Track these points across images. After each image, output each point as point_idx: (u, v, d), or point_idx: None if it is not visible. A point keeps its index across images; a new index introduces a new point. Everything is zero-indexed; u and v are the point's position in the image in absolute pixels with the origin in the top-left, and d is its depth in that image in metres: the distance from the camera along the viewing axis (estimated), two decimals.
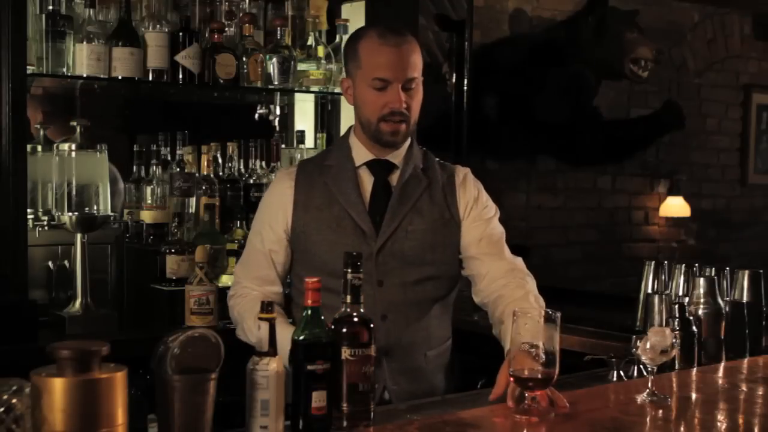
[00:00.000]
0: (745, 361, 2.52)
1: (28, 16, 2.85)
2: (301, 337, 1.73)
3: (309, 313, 1.75)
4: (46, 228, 2.94)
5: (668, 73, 5.77)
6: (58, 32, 2.93)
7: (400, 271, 2.32)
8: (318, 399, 1.71)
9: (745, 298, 2.59)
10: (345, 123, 3.58)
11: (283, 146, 3.56)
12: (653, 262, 3.00)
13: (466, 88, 4.36)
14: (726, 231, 6.21)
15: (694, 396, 2.20)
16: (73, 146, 2.90)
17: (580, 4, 5.21)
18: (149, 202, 3.24)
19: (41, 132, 3.19)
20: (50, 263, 3.00)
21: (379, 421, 1.82)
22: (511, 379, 1.91)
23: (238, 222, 3.26)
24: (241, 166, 3.45)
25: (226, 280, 3.03)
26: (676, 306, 2.38)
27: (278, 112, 3.62)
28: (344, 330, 1.77)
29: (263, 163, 3.45)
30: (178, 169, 3.23)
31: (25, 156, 2.77)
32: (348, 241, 2.28)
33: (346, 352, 1.76)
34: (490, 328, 2.34)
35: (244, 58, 3.28)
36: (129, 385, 1.47)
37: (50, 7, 2.93)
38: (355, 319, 1.79)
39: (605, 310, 3.46)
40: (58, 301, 2.97)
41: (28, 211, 2.85)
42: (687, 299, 2.51)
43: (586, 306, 3.53)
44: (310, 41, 3.44)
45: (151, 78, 3.12)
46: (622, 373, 2.30)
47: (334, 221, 2.33)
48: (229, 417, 1.80)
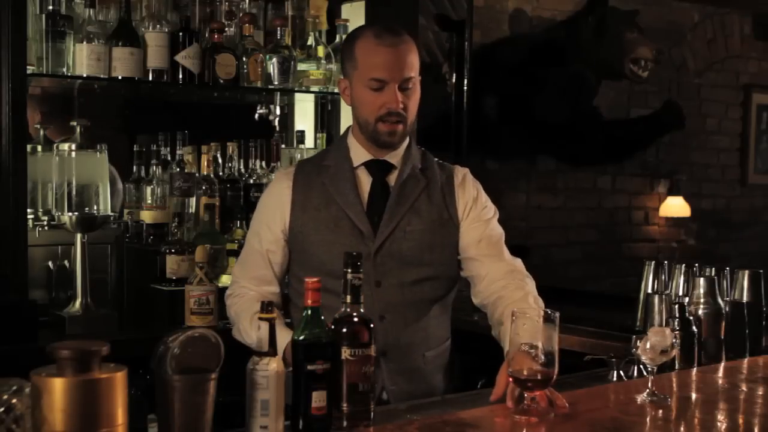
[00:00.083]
0: (745, 361, 2.52)
1: (28, 16, 2.85)
2: (301, 337, 1.73)
3: (309, 313, 1.75)
4: (46, 228, 2.95)
5: (668, 73, 5.76)
6: (58, 32, 2.93)
7: (398, 271, 2.31)
8: (318, 399, 1.71)
9: (745, 298, 2.59)
10: (345, 123, 3.58)
11: (283, 146, 3.56)
12: (653, 262, 2.99)
13: (466, 88, 4.36)
14: (726, 231, 6.21)
15: (694, 396, 2.20)
16: (73, 146, 2.90)
17: (580, 4, 5.21)
18: (149, 202, 3.24)
19: (41, 132, 3.19)
20: (50, 263, 3.01)
21: (379, 421, 1.82)
22: (510, 379, 1.91)
23: (238, 222, 3.26)
24: (241, 166, 3.46)
25: (226, 280, 3.03)
26: (676, 306, 2.38)
27: (278, 112, 3.61)
28: (344, 330, 1.77)
29: (263, 163, 3.45)
30: (178, 169, 3.23)
31: (25, 156, 2.77)
32: (346, 241, 2.27)
33: (346, 352, 1.76)
34: (490, 329, 2.33)
35: (244, 58, 3.28)
36: (129, 385, 1.47)
37: (50, 7, 2.93)
38: (355, 319, 1.79)
39: (605, 310, 3.45)
40: (58, 301, 2.97)
41: (28, 211, 2.85)
42: (687, 299, 2.51)
43: (586, 306, 3.53)
44: (310, 41, 3.44)
45: (151, 78, 3.12)
46: (622, 373, 2.30)
47: (332, 221, 2.32)
48: (229, 417, 1.80)
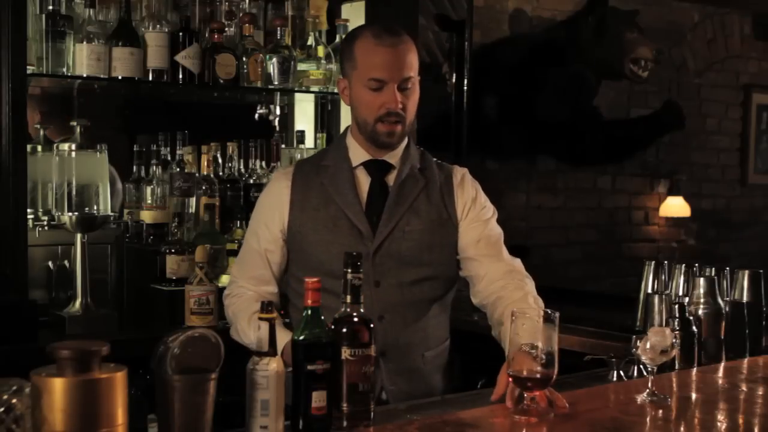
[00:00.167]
0: (745, 361, 2.52)
1: (28, 16, 2.85)
2: (301, 337, 1.73)
3: (309, 313, 1.75)
4: (46, 228, 2.95)
5: (668, 73, 5.76)
6: (58, 32, 2.94)
7: (397, 271, 2.31)
8: (318, 399, 1.71)
9: (745, 298, 2.59)
10: (345, 123, 3.58)
11: (283, 146, 3.56)
12: (653, 262, 2.99)
13: (466, 88, 4.35)
14: (726, 231, 6.21)
15: (694, 396, 2.20)
16: (73, 146, 2.91)
17: (580, 4, 5.21)
18: (149, 202, 3.24)
19: (41, 132, 3.19)
20: (50, 263, 3.01)
21: (379, 421, 1.82)
22: (510, 379, 1.91)
23: (238, 222, 3.26)
24: (241, 166, 3.46)
25: (226, 280, 3.03)
26: (676, 306, 2.38)
27: (278, 112, 3.61)
28: (344, 330, 1.77)
29: (263, 163, 3.45)
30: (178, 169, 3.23)
31: (25, 156, 2.77)
32: (345, 241, 2.27)
33: (346, 352, 1.76)
34: (490, 329, 2.33)
35: (244, 58, 3.28)
36: (129, 385, 1.46)
37: (50, 7, 2.93)
38: (355, 319, 1.79)
39: (605, 310, 3.45)
40: (58, 301, 2.97)
41: (28, 211, 2.85)
42: (687, 299, 2.51)
43: (586, 306, 3.52)
44: (310, 41, 3.44)
45: (151, 78, 3.12)
46: (622, 373, 2.30)
47: (330, 221, 2.32)
48: (229, 417, 1.80)
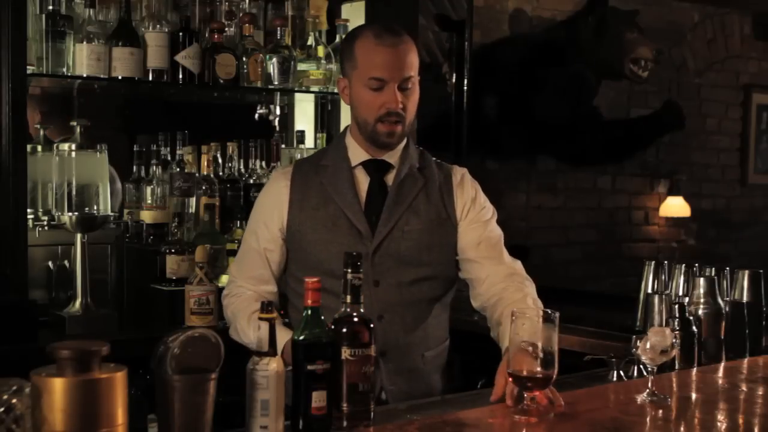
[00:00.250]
0: (745, 361, 2.52)
1: (28, 16, 2.85)
2: (301, 337, 1.73)
3: (309, 313, 1.75)
4: (46, 228, 2.95)
5: (668, 73, 5.76)
6: (58, 32, 2.94)
7: (396, 271, 2.31)
8: (318, 399, 1.71)
9: (745, 298, 2.59)
10: (345, 123, 3.57)
11: (283, 146, 3.56)
12: (653, 262, 2.99)
13: (466, 88, 4.35)
14: (726, 231, 6.21)
15: (694, 396, 2.20)
16: (73, 146, 2.91)
17: (580, 4, 5.21)
18: (149, 202, 3.24)
19: (41, 132, 3.19)
20: (50, 263, 3.01)
21: (379, 421, 1.82)
22: (510, 378, 1.91)
23: (238, 222, 3.26)
24: (241, 166, 3.46)
25: (226, 280, 3.03)
26: (676, 306, 2.38)
27: (278, 112, 3.61)
28: (344, 330, 1.77)
29: (263, 163, 3.45)
30: (178, 169, 3.23)
31: (25, 156, 2.77)
32: (344, 240, 2.27)
33: (346, 352, 1.76)
34: (489, 330, 2.33)
35: (244, 58, 3.28)
36: (129, 385, 1.46)
37: (50, 7, 2.93)
38: (355, 319, 1.78)
39: (605, 310, 3.45)
40: (58, 301, 2.97)
41: (28, 211, 2.85)
42: (687, 299, 2.51)
43: (586, 306, 3.52)
44: (310, 41, 3.44)
45: (151, 78, 3.12)
46: (622, 373, 2.30)
47: (329, 221, 2.32)
48: (229, 417, 1.80)
